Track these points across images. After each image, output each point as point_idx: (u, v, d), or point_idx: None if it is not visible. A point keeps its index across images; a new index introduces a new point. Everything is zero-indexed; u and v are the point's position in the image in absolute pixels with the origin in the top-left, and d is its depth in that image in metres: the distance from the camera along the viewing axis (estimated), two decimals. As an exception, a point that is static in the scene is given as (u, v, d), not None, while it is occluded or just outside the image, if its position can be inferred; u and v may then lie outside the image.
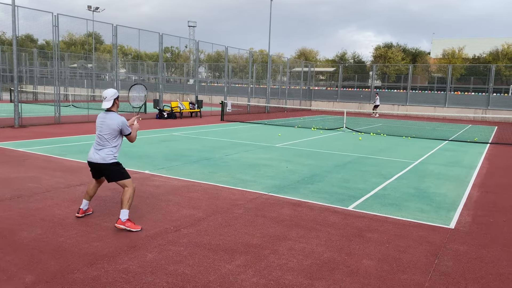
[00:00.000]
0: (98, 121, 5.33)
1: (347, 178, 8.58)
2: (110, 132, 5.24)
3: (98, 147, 5.28)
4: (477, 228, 5.73)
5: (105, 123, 5.24)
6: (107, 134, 5.24)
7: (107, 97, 5.27)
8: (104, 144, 5.26)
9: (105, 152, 5.23)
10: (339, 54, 62.27)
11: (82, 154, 10.27)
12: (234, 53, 41.41)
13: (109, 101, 5.27)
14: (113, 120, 5.22)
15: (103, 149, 5.25)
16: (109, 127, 5.22)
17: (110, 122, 5.22)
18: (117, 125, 5.23)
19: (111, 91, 5.31)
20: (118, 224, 5.13)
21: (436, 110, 33.45)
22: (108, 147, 5.26)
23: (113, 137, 5.28)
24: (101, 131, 5.26)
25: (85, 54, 44.54)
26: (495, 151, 13.73)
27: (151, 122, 19.47)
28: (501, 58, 50.36)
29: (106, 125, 5.23)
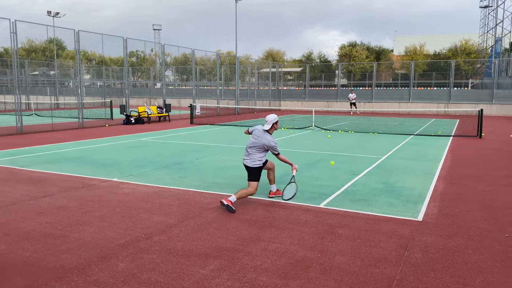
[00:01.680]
0: (255, 135, 6.68)
1: (317, 176, 8.69)
2: (259, 146, 6.58)
3: (248, 154, 6.70)
4: (444, 219, 5.92)
5: (259, 140, 6.59)
6: (256, 147, 6.59)
7: (268, 121, 6.65)
8: (252, 152, 6.65)
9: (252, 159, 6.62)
10: (306, 54, 63.07)
11: (47, 164, 9.96)
12: (201, 55, 41.19)
13: (269, 124, 6.66)
14: (264, 139, 6.57)
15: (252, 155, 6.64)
16: (260, 141, 6.57)
17: (263, 138, 6.58)
18: (265, 144, 6.56)
19: (272, 116, 6.68)
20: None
21: (401, 106, 34.36)
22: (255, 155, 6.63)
23: (259, 150, 6.62)
24: (253, 145, 6.62)
25: (47, 61, 43.20)
26: (458, 143, 14.24)
27: (118, 128, 19.09)
28: (459, 53, 52.34)
29: (260, 141, 6.57)
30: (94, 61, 57.82)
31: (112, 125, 20.57)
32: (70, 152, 11.89)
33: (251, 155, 6.61)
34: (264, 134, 6.59)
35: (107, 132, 17.57)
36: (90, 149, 12.56)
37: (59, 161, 10.39)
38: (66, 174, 8.81)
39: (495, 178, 8.76)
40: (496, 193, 7.47)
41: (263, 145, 6.52)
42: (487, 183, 8.27)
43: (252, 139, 6.66)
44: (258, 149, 6.58)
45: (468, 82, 44.32)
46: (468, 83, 43.79)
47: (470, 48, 54.03)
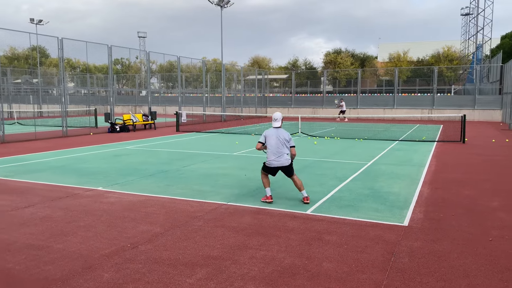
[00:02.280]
0: (273, 136, 7.06)
1: (304, 182, 8.65)
2: (285, 141, 7.05)
3: (280, 155, 7.04)
4: (429, 224, 5.98)
5: (280, 136, 7.05)
6: (282, 143, 7.02)
7: (277, 119, 7.19)
8: (284, 151, 7.04)
9: (286, 157, 7.06)
10: (291, 61, 63.55)
11: (30, 174, 9.78)
12: (187, 62, 41.12)
13: (279, 121, 7.19)
14: (285, 132, 7.14)
15: (283, 155, 7.05)
16: (284, 137, 7.06)
17: (283, 134, 7.10)
18: (288, 135, 7.15)
19: (279, 114, 7.28)
20: (307, 200, 7.03)
21: (385, 112, 34.75)
22: (286, 154, 7.07)
23: (286, 145, 7.07)
24: (278, 142, 7.03)
25: (30, 68, 42.63)
26: (442, 149, 14.44)
27: (103, 137, 18.89)
28: (442, 60, 53.30)
29: (282, 136, 7.06)
30: (78, 69, 57.27)
31: (96, 134, 20.34)
32: (53, 161, 11.70)
33: (282, 155, 7.03)
34: (280, 130, 7.12)
35: (92, 140, 17.36)
36: (74, 158, 12.39)
37: (43, 171, 10.22)
38: (50, 184, 8.66)
39: (479, 182, 8.90)
40: (479, 197, 7.58)
41: (285, 140, 7.05)
42: (470, 187, 8.40)
43: (274, 140, 7.05)
44: (283, 146, 7.06)
45: (450, 88, 45.10)
46: (451, 89, 44.57)
47: (452, 54, 55.10)
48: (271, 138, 7.08)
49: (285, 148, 7.06)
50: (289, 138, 7.14)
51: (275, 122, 7.19)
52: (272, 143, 7.06)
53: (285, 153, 7.04)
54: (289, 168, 7.13)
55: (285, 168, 7.10)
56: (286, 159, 7.06)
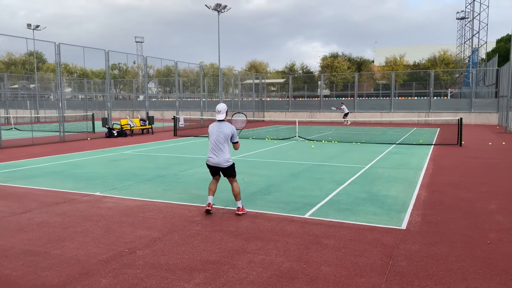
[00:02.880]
0: (213, 130, 6.46)
1: (302, 186, 8.70)
2: (225, 136, 6.40)
3: (217, 153, 6.42)
4: (427, 227, 5.99)
5: (221, 130, 6.40)
6: (222, 138, 6.38)
7: (221, 111, 6.46)
8: (221, 148, 6.41)
9: (223, 155, 6.42)
10: (288, 66, 63.69)
11: (27, 179, 9.75)
12: (184, 67, 41.12)
13: (222, 114, 6.48)
14: (227, 127, 6.45)
15: (221, 153, 6.40)
16: (225, 132, 6.38)
17: (225, 128, 6.41)
18: (231, 130, 6.47)
19: (223, 105, 6.50)
20: (240, 211, 6.51)
21: (382, 116, 34.85)
22: (224, 151, 6.42)
23: (226, 141, 6.44)
24: (218, 136, 6.40)
25: (27, 74, 42.59)
26: (439, 152, 14.48)
27: (101, 141, 18.86)
28: (438, 63, 53.54)
29: (222, 131, 6.39)
30: (75, 74, 57.23)
31: (94, 139, 20.30)
32: (51, 167, 11.67)
33: (221, 153, 6.41)
34: (223, 123, 6.48)
35: (89, 145, 17.33)
36: (71, 163, 12.36)
37: (40, 176, 10.19)
38: (47, 189, 8.63)
39: (476, 185, 8.92)
40: (477, 200, 7.60)
41: (226, 135, 6.42)
42: (468, 190, 8.42)
43: (214, 136, 6.45)
44: (224, 141, 6.44)
45: (447, 92, 45.31)
46: (447, 93, 44.77)
47: (448, 58, 55.37)
48: (211, 134, 6.52)
49: (225, 145, 6.43)
50: (232, 133, 6.49)
51: (218, 115, 6.50)
52: (211, 139, 6.50)
53: (225, 151, 6.43)
54: (227, 171, 6.57)
55: (223, 169, 6.58)
56: (225, 159, 6.45)
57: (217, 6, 41.00)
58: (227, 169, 6.51)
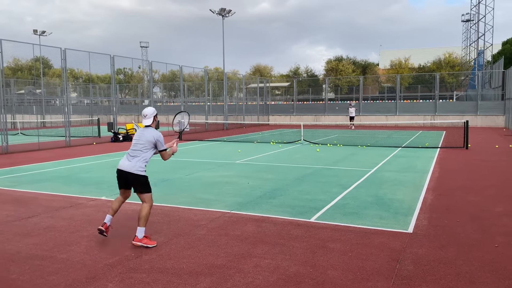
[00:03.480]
0: (136, 135, 5.65)
1: (308, 190, 8.68)
2: (144, 144, 5.50)
3: (130, 158, 5.53)
4: (434, 231, 5.94)
5: (143, 136, 5.54)
6: (141, 144, 5.51)
7: (147, 115, 5.60)
8: (137, 154, 5.50)
9: (135, 162, 5.46)
10: (293, 69, 63.73)
11: (33, 184, 9.80)
12: (189, 71, 41.33)
13: (149, 119, 5.61)
14: (150, 133, 5.53)
15: (135, 158, 5.49)
16: (146, 138, 5.50)
17: (147, 134, 5.52)
18: (153, 137, 5.50)
19: (150, 109, 5.64)
20: (135, 241, 5.34)
21: (388, 119, 34.74)
22: (139, 157, 5.49)
23: (146, 149, 5.52)
24: (137, 142, 5.55)
25: (33, 79, 42.92)
26: (445, 155, 14.40)
27: (106, 146, 18.94)
28: (444, 66, 53.35)
29: (143, 137, 5.53)
30: (81, 79, 57.60)
31: (99, 143, 20.39)
32: (57, 171, 11.73)
33: (135, 158, 5.48)
34: (147, 129, 5.57)
35: (95, 150, 17.41)
36: (77, 167, 12.41)
37: (46, 181, 10.24)
38: (53, 194, 8.67)
39: (483, 188, 8.85)
40: (484, 203, 7.54)
41: (148, 141, 5.47)
42: (475, 193, 8.36)
43: (135, 140, 5.61)
44: (142, 147, 5.49)
45: (453, 94, 45.11)
46: (453, 95, 44.57)
47: (454, 61, 55.16)
48: (133, 140, 5.67)
49: (142, 152, 5.48)
50: (155, 140, 5.48)
51: (144, 120, 5.63)
52: (133, 143, 5.63)
53: (140, 158, 5.46)
54: (137, 181, 5.45)
55: (132, 179, 5.44)
56: (137, 166, 5.42)
57: (221, 11, 41.16)
58: (137, 177, 5.42)
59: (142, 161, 5.49)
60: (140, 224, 5.35)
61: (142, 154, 5.50)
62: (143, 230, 5.35)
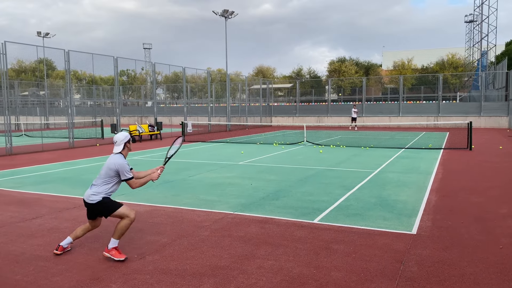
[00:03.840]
0: None
1: (311, 192, 8.67)
2: (106, 172, 5.05)
3: (92, 186, 5.13)
4: (438, 232, 5.92)
5: (106, 163, 5.11)
6: (103, 173, 5.07)
7: (117, 142, 5.18)
8: (98, 183, 5.08)
9: (92, 191, 5.05)
10: (296, 70, 63.68)
11: (37, 185, 9.84)
12: (192, 73, 41.31)
13: (119, 146, 5.18)
14: (112, 160, 5.08)
15: (94, 187, 5.08)
16: (107, 166, 5.06)
17: (110, 161, 5.09)
18: (115, 164, 5.02)
19: (121, 135, 5.21)
20: (104, 252, 5.06)
21: (391, 120, 34.68)
22: (100, 186, 5.05)
23: (108, 178, 5.06)
24: (101, 170, 5.14)
25: (37, 81, 43.10)
26: (449, 156, 14.36)
27: (109, 147, 18.94)
28: (447, 67, 53.20)
29: (106, 164, 5.09)
30: (84, 81, 57.80)
31: (103, 145, 20.44)
32: (60, 173, 11.76)
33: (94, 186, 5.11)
34: (113, 155, 5.14)
35: (98, 151, 17.45)
36: (81, 169, 12.45)
37: (50, 182, 10.27)
38: (57, 195, 8.70)
39: (487, 189, 8.82)
40: (488, 204, 7.51)
41: (108, 168, 5.05)
42: (478, 194, 8.32)
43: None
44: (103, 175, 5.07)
45: (456, 95, 44.97)
46: (456, 96, 44.44)
47: (457, 62, 55.00)
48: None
49: (102, 180, 5.05)
50: (116, 168, 5.01)
51: (114, 147, 5.22)
52: None
53: (97, 185, 5.05)
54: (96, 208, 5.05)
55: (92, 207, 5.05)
56: (92, 193, 5.02)
57: (224, 12, 41.21)
58: (93, 205, 5.03)
59: (99, 188, 5.05)
60: (114, 236, 5.03)
61: (103, 186, 5.05)
62: (116, 242, 5.02)
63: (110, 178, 5.08)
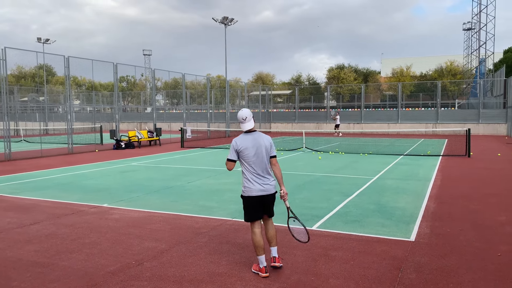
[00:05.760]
0: (249, 144, 4.53)
1: (309, 198, 8.67)
2: (266, 153, 4.57)
3: (266, 175, 4.59)
4: (436, 239, 5.92)
5: (261, 144, 4.53)
6: (265, 156, 4.56)
7: (247, 117, 4.60)
8: (268, 169, 4.59)
9: (272, 180, 4.62)
10: (295, 77, 63.89)
11: (36, 191, 9.82)
12: (192, 79, 41.47)
13: (250, 121, 4.63)
14: (266, 137, 4.64)
15: (271, 177, 4.61)
16: (265, 146, 4.55)
17: (266, 139, 4.62)
18: (270, 141, 4.63)
19: (248, 111, 4.66)
20: (278, 263, 4.76)
21: (389, 127, 34.73)
22: (270, 172, 4.60)
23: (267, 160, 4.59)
24: (261, 155, 4.55)
25: (36, 87, 43.14)
26: (447, 163, 14.37)
27: (108, 153, 18.97)
28: (445, 74, 53.41)
29: (263, 146, 4.55)
30: (84, 87, 57.89)
31: (102, 150, 20.43)
32: (59, 178, 11.75)
33: (267, 176, 4.61)
34: (256, 133, 4.70)
35: (97, 157, 17.44)
36: (79, 174, 12.43)
37: (48, 188, 10.25)
38: (55, 201, 8.68)
39: (485, 196, 8.82)
40: (486, 211, 7.51)
41: (268, 148, 4.63)
42: (477, 202, 8.32)
43: (254, 153, 4.55)
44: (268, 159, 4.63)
45: (454, 102, 45.09)
46: (455, 103, 44.55)
47: (455, 69, 55.24)
48: (246, 146, 4.59)
49: (268, 163, 4.67)
50: (271, 142, 4.73)
51: (246, 123, 4.66)
52: (249, 152, 4.58)
53: (270, 172, 4.70)
54: (272, 201, 4.76)
55: (269, 198, 4.69)
56: (271, 182, 4.69)
57: (224, 19, 41.41)
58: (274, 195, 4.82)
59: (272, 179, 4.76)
60: (274, 243, 4.77)
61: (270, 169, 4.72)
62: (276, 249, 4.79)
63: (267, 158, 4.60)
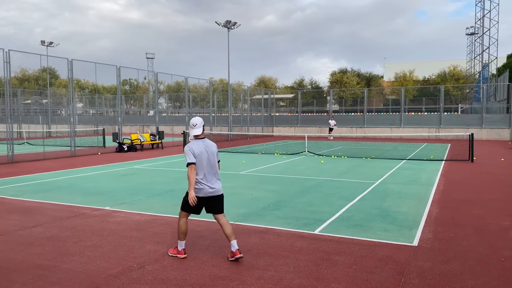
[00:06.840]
0: (200, 150, 5.14)
1: (312, 202, 8.65)
2: (215, 157, 5.24)
3: (216, 177, 5.26)
4: (439, 244, 5.89)
5: (210, 150, 5.20)
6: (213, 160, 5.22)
7: (197, 124, 5.20)
8: (217, 172, 5.25)
9: (220, 182, 5.30)
10: (298, 81, 63.99)
11: (38, 193, 9.83)
12: (194, 83, 41.48)
13: (199, 128, 5.21)
14: (213, 144, 5.30)
15: (219, 180, 5.28)
16: (213, 152, 5.21)
17: (211, 147, 5.25)
18: (216, 147, 5.31)
19: (199, 119, 5.24)
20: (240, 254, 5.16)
21: (392, 131, 34.67)
22: (218, 175, 5.28)
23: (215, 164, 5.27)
24: (213, 159, 5.22)
25: (40, 89, 43.31)
26: (450, 168, 14.32)
27: (111, 156, 18.99)
28: (448, 79, 53.38)
29: (211, 152, 5.21)
30: (87, 89, 58.09)
31: (104, 153, 20.46)
32: (61, 181, 11.76)
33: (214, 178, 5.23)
34: (206, 141, 5.29)
35: (100, 160, 17.46)
36: (82, 177, 12.45)
37: (51, 190, 10.27)
38: (58, 203, 8.69)
39: (488, 201, 8.78)
40: (489, 216, 7.47)
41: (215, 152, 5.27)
42: (480, 207, 8.28)
43: (205, 154, 5.15)
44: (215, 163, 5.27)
45: (457, 107, 45.01)
46: (458, 108, 44.47)
47: (459, 73, 55.20)
48: (200, 151, 5.15)
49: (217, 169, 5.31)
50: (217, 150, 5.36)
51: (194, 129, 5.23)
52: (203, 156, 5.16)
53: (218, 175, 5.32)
54: (220, 201, 5.34)
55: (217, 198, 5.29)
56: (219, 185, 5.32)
57: (227, 23, 41.54)
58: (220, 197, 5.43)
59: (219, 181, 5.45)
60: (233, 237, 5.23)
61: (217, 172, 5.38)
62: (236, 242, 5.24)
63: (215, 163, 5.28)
